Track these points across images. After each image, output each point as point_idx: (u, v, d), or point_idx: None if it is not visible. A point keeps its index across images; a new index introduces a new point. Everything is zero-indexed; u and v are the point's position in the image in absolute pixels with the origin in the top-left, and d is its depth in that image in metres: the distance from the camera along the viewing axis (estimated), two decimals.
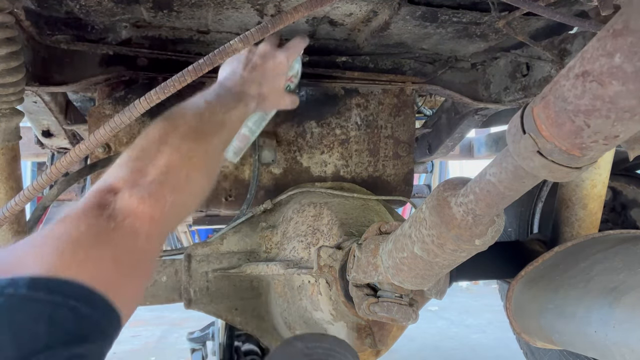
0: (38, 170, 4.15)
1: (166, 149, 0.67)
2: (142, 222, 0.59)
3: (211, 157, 0.75)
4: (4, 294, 0.43)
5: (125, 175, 0.62)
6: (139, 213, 0.59)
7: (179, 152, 0.68)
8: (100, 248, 0.54)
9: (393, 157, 1.41)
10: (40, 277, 0.46)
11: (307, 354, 0.76)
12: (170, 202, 0.63)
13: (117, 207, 0.58)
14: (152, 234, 0.60)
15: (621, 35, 0.39)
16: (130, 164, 0.64)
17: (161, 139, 0.68)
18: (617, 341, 0.90)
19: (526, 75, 1.24)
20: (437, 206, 0.65)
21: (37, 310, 0.44)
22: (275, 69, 0.97)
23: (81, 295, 0.48)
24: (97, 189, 0.61)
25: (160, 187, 0.63)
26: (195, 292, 1.18)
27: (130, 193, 0.60)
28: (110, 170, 0.64)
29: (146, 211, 0.60)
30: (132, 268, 0.58)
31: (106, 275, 0.52)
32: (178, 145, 0.68)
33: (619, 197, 1.78)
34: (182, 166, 0.67)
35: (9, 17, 0.81)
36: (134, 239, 0.58)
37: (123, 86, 1.22)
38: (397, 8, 1.00)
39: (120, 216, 0.58)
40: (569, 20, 0.84)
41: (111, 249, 0.55)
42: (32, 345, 0.41)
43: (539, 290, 1.18)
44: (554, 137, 0.46)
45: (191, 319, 3.65)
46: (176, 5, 1.00)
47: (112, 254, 0.54)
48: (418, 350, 3.31)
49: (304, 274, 1.03)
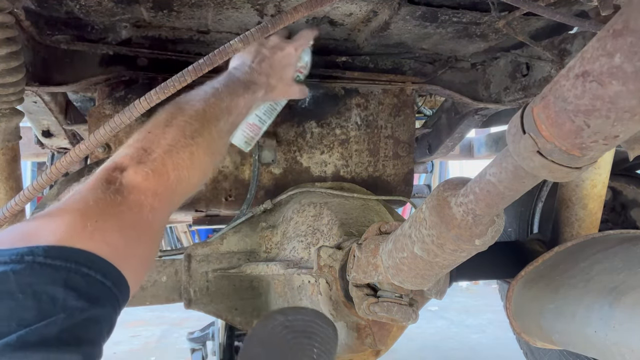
0: (38, 170, 4.15)
1: (171, 130, 0.72)
2: (146, 196, 0.64)
3: (215, 139, 0.79)
4: (23, 261, 0.47)
5: (131, 153, 0.67)
6: (143, 188, 0.64)
7: (183, 132, 0.72)
8: (107, 220, 0.58)
9: (393, 157, 1.41)
10: (55, 246, 0.50)
11: (287, 326, 0.80)
12: (174, 178, 0.68)
13: (123, 182, 0.63)
14: (156, 207, 0.65)
15: (621, 35, 0.39)
16: (137, 144, 0.69)
17: (166, 121, 0.73)
18: (617, 341, 0.90)
19: (526, 75, 1.24)
20: (437, 206, 0.65)
21: (53, 275, 0.47)
22: (283, 60, 1.01)
23: (92, 263, 0.52)
24: (105, 167, 0.65)
25: (163, 164, 0.67)
26: (195, 292, 1.18)
27: (135, 170, 0.65)
28: (119, 150, 0.69)
29: (150, 186, 0.65)
30: (137, 239, 0.62)
31: (113, 245, 0.56)
32: (183, 126, 0.73)
33: (619, 197, 1.78)
34: (186, 145, 0.72)
35: (9, 17, 0.81)
36: (139, 211, 0.62)
37: (123, 86, 1.22)
38: (397, 8, 1.00)
39: (126, 191, 0.62)
40: (569, 20, 0.84)
41: (117, 221, 0.59)
42: (51, 306, 0.45)
43: (539, 290, 1.18)
44: (554, 137, 0.46)
45: (191, 319, 3.65)
46: (176, 5, 1.00)
47: (118, 226, 0.58)
48: (418, 350, 3.31)
49: (304, 274, 1.03)
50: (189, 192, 0.75)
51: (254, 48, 1.00)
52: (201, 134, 0.75)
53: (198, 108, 0.77)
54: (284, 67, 1.02)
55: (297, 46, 1.03)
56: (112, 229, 0.57)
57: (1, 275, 0.45)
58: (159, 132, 0.71)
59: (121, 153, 0.68)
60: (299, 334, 0.80)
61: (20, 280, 0.45)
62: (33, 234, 0.52)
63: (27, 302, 0.44)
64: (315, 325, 0.82)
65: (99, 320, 0.50)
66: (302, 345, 0.79)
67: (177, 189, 0.69)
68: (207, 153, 0.76)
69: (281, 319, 0.81)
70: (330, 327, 0.83)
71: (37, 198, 0.82)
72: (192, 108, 0.77)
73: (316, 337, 0.80)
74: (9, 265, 0.46)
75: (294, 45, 1.03)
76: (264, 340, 0.79)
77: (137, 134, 0.72)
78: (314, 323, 0.82)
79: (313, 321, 0.82)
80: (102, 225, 0.56)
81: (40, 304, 0.45)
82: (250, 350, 0.79)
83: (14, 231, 0.53)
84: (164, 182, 0.67)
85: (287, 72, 1.03)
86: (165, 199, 0.67)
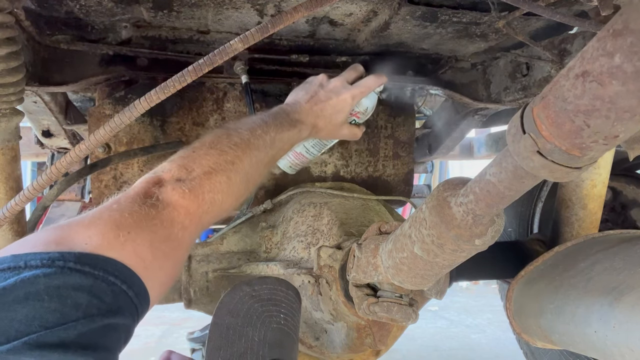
0: (38, 170, 4.15)
1: (214, 152, 0.75)
2: (179, 213, 0.66)
3: (254, 168, 0.82)
4: (54, 265, 0.49)
5: (172, 169, 0.70)
6: (178, 205, 0.66)
7: (225, 156, 0.75)
8: (140, 233, 0.59)
9: (393, 157, 1.41)
10: (86, 254, 0.52)
11: (254, 295, 0.84)
12: (208, 199, 0.70)
13: (160, 197, 0.65)
14: (187, 225, 0.67)
15: (621, 35, 0.39)
16: (179, 160, 0.72)
17: (211, 143, 0.76)
18: (617, 341, 0.89)
19: (526, 75, 1.24)
20: (437, 206, 0.65)
21: (81, 281, 0.49)
22: (337, 105, 1.04)
23: (120, 273, 0.54)
24: (146, 179, 0.68)
25: (200, 185, 0.70)
26: (195, 292, 1.18)
27: (173, 186, 0.67)
28: (162, 164, 0.72)
29: (184, 204, 0.67)
30: (165, 254, 0.63)
31: (142, 258, 0.58)
32: (226, 151, 0.76)
33: (619, 197, 1.78)
34: (225, 170, 0.74)
35: (9, 17, 0.81)
36: (170, 227, 0.64)
37: (123, 86, 1.22)
38: (397, 8, 1.00)
39: (161, 206, 0.64)
40: (569, 20, 0.84)
41: (149, 234, 0.61)
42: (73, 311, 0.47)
43: (539, 290, 1.18)
44: (554, 137, 0.46)
45: (191, 319, 3.65)
46: (176, 5, 1.00)
47: (149, 239, 0.60)
48: (418, 350, 3.31)
49: (304, 274, 1.03)
50: (220, 215, 0.76)
51: (312, 88, 1.04)
52: (241, 161, 0.78)
53: (243, 136, 0.81)
54: (336, 113, 1.04)
55: (355, 94, 1.05)
56: (143, 242, 0.59)
57: (32, 277, 0.47)
58: (202, 153, 0.74)
59: (164, 167, 0.71)
60: (266, 302, 0.84)
61: (48, 283, 0.47)
62: (67, 239, 0.54)
63: (52, 305, 0.46)
64: (280, 293, 0.86)
65: (117, 328, 0.52)
66: (270, 312, 0.83)
67: (208, 210, 0.71)
68: (243, 180, 0.79)
69: (248, 290, 0.85)
70: (292, 291, 0.88)
71: (37, 198, 0.82)
72: (238, 135, 0.80)
73: (282, 303, 0.85)
74: (40, 269, 0.48)
75: (352, 94, 1.04)
76: (232, 310, 0.82)
77: (183, 151, 0.75)
78: (279, 290, 0.87)
79: (277, 288, 0.87)
80: (134, 237, 0.58)
81: (64, 307, 0.47)
82: (220, 320, 0.82)
83: (50, 235, 0.54)
84: (198, 202, 0.69)
85: (337, 117, 1.05)
86: (196, 219, 0.69)
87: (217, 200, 0.72)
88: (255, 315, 0.82)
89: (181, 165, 0.71)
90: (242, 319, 0.81)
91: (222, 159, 0.75)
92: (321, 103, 1.02)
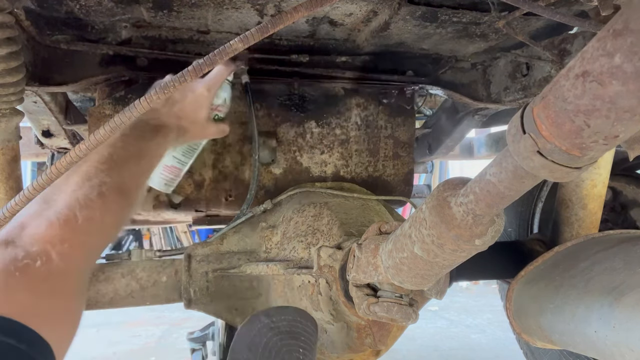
0: (38, 170, 4.15)
1: (74, 176, 0.68)
2: (53, 244, 0.59)
3: (127, 182, 0.76)
4: None
5: (32, 210, 0.63)
6: (47, 237, 0.60)
7: (88, 175, 0.70)
8: (9, 278, 0.53)
9: (393, 157, 1.41)
10: None
11: (272, 327, 0.82)
12: (83, 219, 0.64)
13: (25, 237, 0.59)
14: (66, 253, 0.60)
15: (621, 35, 0.39)
16: (38, 199, 0.64)
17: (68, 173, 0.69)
18: (617, 341, 0.89)
19: (526, 75, 1.24)
20: (437, 206, 0.65)
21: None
22: (195, 102, 0.98)
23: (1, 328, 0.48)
24: (4, 230, 0.61)
25: (68, 207, 0.64)
26: (195, 292, 1.18)
27: (37, 222, 0.61)
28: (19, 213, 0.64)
29: (55, 233, 0.60)
30: (51, 292, 0.57)
31: (22, 304, 0.52)
32: (86, 171, 0.70)
33: (619, 197, 1.78)
34: (93, 186, 0.68)
35: (9, 17, 0.81)
36: (46, 263, 0.58)
37: (123, 86, 1.22)
38: (397, 8, 1.00)
39: (28, 244, 0.58)
40: (569, 20, 0.84)
41: (23, 277, 0.55)
42: None
43: (539, 290, 1.18)
44: (554, 137, 0.46)
45: (191, 319, 3.66)
46: (176, 5, 1.00)
47: (25, 282, 0.54)
48: (418, 350, 3.31)
49: (304, 274, 1.03)
50: (105, 234, 0.71)
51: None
52: (110, 175, 0.72)
53: (103, 153, 0.75)
54: (196, 110, 0.99)
55: (210, 86, 1.00)
56: (18, 285, 0.53)
57: None
58: (59, 182, 0.66)
59: (21, 214, 0.63)
60: (285, 335, 0.82)
61: None
62: None
63: None
64: (299, 325, 0.84)
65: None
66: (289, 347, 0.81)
67: (88, 231, 0.65)
68: (120, 194, 0.73)
69: (266, 321, 0.83)
70: (311, 322, 0.86)
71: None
72: (96, 154, 0.74)
73: (300, 336, 0.83)
74: None
75: (207, 86, 0.99)
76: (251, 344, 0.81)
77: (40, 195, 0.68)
78: (298, 322, 0.84)
79: (296, 320, 0.84)
80: (3, 284, 0.52)
81: None
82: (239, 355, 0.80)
83: None
84: (71, 225, 0.63)
85: (199, 114, 1.00)
86: (77, 244, 0.63)
87: (96, 217, 0.66)
88: (275, 350, 0.80)
89: (41, 202, 0.64)
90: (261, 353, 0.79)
91: (84, 179, 0.69)
92: (178, 103, 0.96)
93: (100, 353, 3.23)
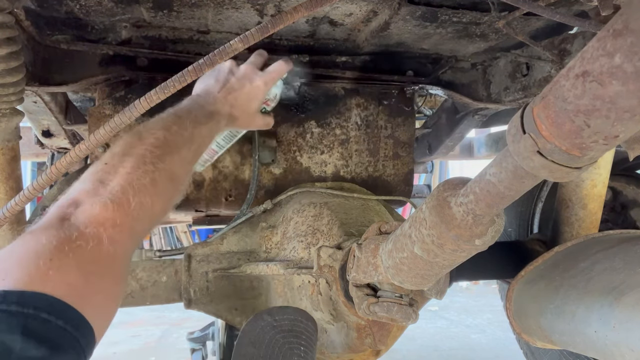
0: (38, 170, 4.15)
1: (130, 159, 0.69)
2: (105, 227, 0.60)
3: (178, 167, 0.77)
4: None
5: (86, 187, 0.63)
6: (101, 219, 0.60)
7: (144, 159, 0.70)
8: (63, 257, 0.54)
9: (393, 157, 1.41)
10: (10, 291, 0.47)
11: (275, 326, 0.85)
12: (135, 205, 0.64)
13: (79, 216, 0.59)
14: (116, 238, 0.61)
15: (621, 35, 0.39)
16: (92, 176, 0.66)
17: (124, 151, 0.70)
18: (617, 341, 0.89)
19: (526, 75, 1.24)
20: (437, 206, 0.65)
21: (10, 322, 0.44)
22: (250, 93, 1.00)
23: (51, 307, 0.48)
24: (59, 204, 0.61)
25: (122, 192, 0.64)
26: (195, 292, 1.18)
27: (91, 202, 0.61)
28: (73, 185, 0.65)
29: (109, 216, 0.61)
30: (99, 274, 0.58)
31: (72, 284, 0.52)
32: (142, 154, 0.70)
33: (619, 197, 1.78)
34: (147, 172, 0.68)
35: (9, 17, 0.81)
36: (98, 245, 0.58)
37: (123, 86, 1.22)
38: (397, 8, 1.00)
39: (82, 225, 0.58)
40: (569, 20, 0.84)
41: (75, 258, 0.55)
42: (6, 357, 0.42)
43: (539, 290, 1.18)
44: (554, 137, 0.46)
45: (191, 319, 3.66)
46: (176, 5, 1.00)
47: (76, 263, 0.55)
48: (418, 350, 3.31)
49: (304, 274, 1.03)
50: (153, 220, 0.72)
51: (223, 76, 0.98)
52: (163, 161, 0.72)
53: (159, 136, 0.75)
54: (250, 100, 1.00)
55: (268, 80, 1.01)
56: (69, 266, 0.54)
57: None
58: (116, 163, 0.67)
59: (76, 188, 0.64)
60: (287, 333, 0.85)
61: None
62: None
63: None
64: (300, 324, 0.87)
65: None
66: (291, 345, 0.84)
67: (139, 216, 0.66)
68: (170, 181, 0.73)
69: (269, 320, 0.86)
70: (311, 322, 0.89)
71: (37, 198, 0.82)
72: (152, 136, 0.74)
73: (302, 335, 0.86)
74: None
75: (264, 79, 1.01)
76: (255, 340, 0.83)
77: (93, 167, 0.69)
78: (299, 321, 0.87)
79: (297, 319, 0.87)
80: (57, 264, 0.52)
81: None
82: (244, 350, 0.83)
83: None
84: (124, 210, 0.63)
85: (252, 105, 1.01)
86: (127, 230, 0.63)
87: (146, 203, 0.66)
88: (277, 346, 0.82)
89: (95, 180, 0.65)
90: (265, 350, 0.82)
91: (140, 162, 0.69)
92: (235, 92, 0.98)
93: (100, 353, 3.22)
